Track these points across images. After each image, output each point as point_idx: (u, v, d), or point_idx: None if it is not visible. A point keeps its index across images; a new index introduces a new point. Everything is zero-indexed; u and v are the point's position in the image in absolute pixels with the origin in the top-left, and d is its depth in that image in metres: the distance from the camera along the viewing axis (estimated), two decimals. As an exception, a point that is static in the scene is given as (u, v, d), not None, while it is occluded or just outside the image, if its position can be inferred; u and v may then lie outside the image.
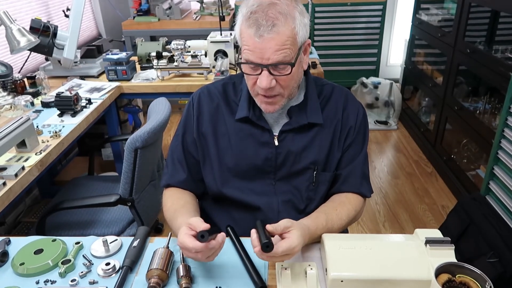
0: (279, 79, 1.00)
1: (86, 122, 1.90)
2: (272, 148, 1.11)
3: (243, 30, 0.98)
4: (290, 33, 0.95)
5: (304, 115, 1.11)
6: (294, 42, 0.97)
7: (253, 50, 0.96)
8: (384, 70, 4.28)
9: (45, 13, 2.84)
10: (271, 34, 0.94)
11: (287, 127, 1.11)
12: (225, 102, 1.15)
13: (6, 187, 1.35)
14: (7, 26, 1.93)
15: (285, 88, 1.02)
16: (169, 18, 3.50)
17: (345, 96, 1.17)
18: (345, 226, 1.10)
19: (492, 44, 2.48)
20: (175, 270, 0.92)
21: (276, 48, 0.95)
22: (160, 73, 2.31)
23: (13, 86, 2.10)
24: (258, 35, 0.94)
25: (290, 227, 0.90)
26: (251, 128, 1.12)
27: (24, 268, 0.94)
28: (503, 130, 1.65)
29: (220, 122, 1.14)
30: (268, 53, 0.95)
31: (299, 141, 1.11)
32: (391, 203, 2.63)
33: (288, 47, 0.96)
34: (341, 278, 0.86)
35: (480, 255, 1.56)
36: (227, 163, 1.13)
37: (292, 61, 0.97)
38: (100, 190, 1.89)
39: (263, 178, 1.13)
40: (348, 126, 1.14)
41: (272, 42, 0.94)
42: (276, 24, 0.94)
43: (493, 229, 1.59)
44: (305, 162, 1.11)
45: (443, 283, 0.80)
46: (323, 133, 1.12)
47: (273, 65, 0.97)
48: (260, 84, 0.99)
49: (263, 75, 0.98)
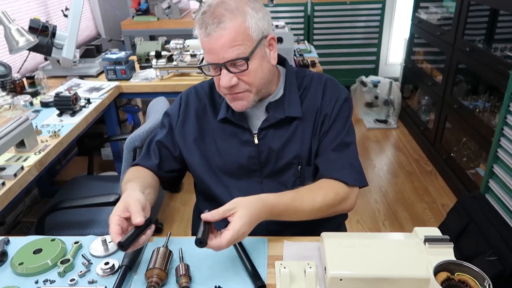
0: (240, 76, 1.00)
1: (85, 122, 1.90)
2: (254, 146, 1.11)
3: (198, 35, 1.00)
4: (239, 28, 0.96)
5: (281, 110, 1.09)
6: (247, 38, 0.97)
7: (208, 52, 0.98)
8: (383, 69, 4.28)
9: (44, 13, 2.84)
10: (217, 31, 0.95)
11: (265, 123, 1.10)
12: (210, 103, 1.16)
13: (5, 187, 1.35)
14: (5, 26, 1.93)
15: (251, 84, 1.02)
16: (168, 18, 3.50)
17: (324, 83, 1.13)
18: (322, 210, 1.01)
19: (491, 42, 2.48)
20: (174, 269, 0.92)
21: (227, 45, 0.95)
22: (159, 73, 2.31)
23: (12, 86, 2.10)
24: (206, 34, 0.96)
25: (233, 208, 0.87)
26: (233, 128, 1.12)
27: (23, 268, 0.94)
28: (503, 129, 1.65)
29: (206, 123, 1.15)
30: (222, 52, 0.96)
31: (280, 137, 1.10)
32: (390, 202, 2.63)
33: (239, 43, 0.96)
34: (340, 276, 0.86)
35: (479, 254, 1.56)
36: (216, 162, 1.13)
37: (247, 56, 0.97)
38: (100, 190, 1.89)
39: (250, 176, 1.13)
40: (323, 113, 1.10)
41: (221, 39, 0.95)
42: (223, 21, 0.95)
43: (493, 227, 1.59)
44: (288, 157, 1.10)
45: (442, 281, 0.80)
46: (304, 126, 1.10)
47: (229, 62, 0.97)
48: (221, 84, 1.00)
49: (222, 74, 0.99)
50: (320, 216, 1.03)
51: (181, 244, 1.00)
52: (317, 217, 1.02)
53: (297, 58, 2.51)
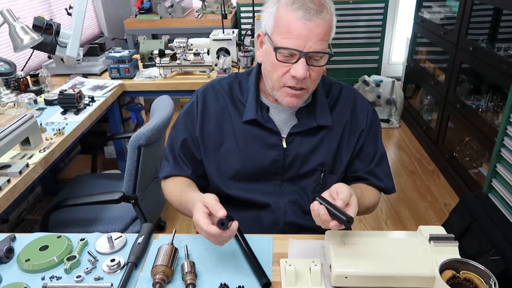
0: (312, 71, 0.97)
1: (89, 120, 1.91)
2: (280, 150, 1.09)
3: (283, 15, 0.93)
4: (331, 23, 0.95)
5: (313, 117, 1.08)
6: (329, 35, 0.96)
7: (296, 37, 0.91)
8: (386, 68, 4.27)
9: (48, 11, 2.84)
10: (317, 20, 0.91)
11: (296, 129, 1.08)
12: (231, 102, 1.12)
13: (10, 184, 1.35)
14: (10, 24, 1.94)
15: (313, 82, 1.00)
16: (171, 16, 3.50)
17: (354, 96, 1.15)
18: (369, 208, 1.12)
19: (494, 42, 2.48)
20: (179, 267, 0.92)
21: (321, 36, 0.92)
22: (163, 71, 2.31)
23: (16, 84, 2.11)
24: (307, 18, 0.90)
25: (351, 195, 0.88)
26: (258, 130, 1.09)
27: (30, 264, 0.95)
28: (506, 128, 1.65)
29: (227, 123, 1.11)
30: (312, 40, 0.92)
31: (307, 143, 1.09)
32: (393, 201, 2.63)
33: (327, 38, 0.95)
34: (346, 274, 0.86)
35: (482, 253, 1.56)
36: (234, 165, 1.10)
37: (331, 53, 0.96)
38: (103, 188, 1.90)
39: (270, 179, 1.12)
40: (359, 128, 1.12)
41: (318, 28, 0.91)
42: (323, 11, 0.92)
43: (496, 227, 1.59)
44: (312, 164, 1.10)
45: (447, 280, 0.80)
46: (332, 134, 1.10)
47: (312, 54, 0.94)
48: (295, 73, 0.94)
49: (300, 63, 0.93)
50: (364, 213, 1.13)
51: (187, 242, 1.01)
52: (363, 214, 1.12)
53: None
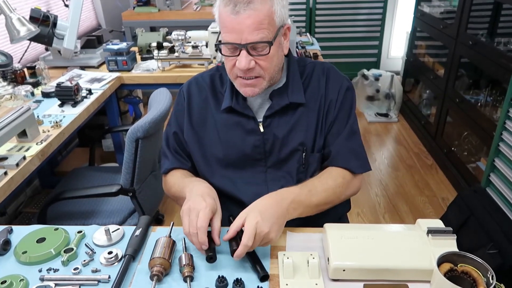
0: (258, 60, 0.99)
1: (87, 113, 1.90)
2: (259, 135, 1.11)
3: (221, 11, 0.97)
4: (267, 11, 0.95)
5: (285, 96, 1.10)
6: (271, 22, 0.96)
7: (231, 31, 0.96)
8: (385, 62, 4.26)
9: (45, 2, 2.81)
10: (247, 11, 0.93)
11: (270, 111, 1.10)
12: (212, 94, 1.16)
13: (7, 177, 1.35)
14: (6, 15, 1.91)
15: (265, 69, 1.01)
16: (169, 9, 3.48)
17: (327, 71, 1.15)
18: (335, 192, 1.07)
19: (494, 36, 2.47)
20: (177, 259, 0.92)
21: (254, 27, 0.94)
22: (161, 64, 2.30)
23: (13, 76, 2.09)
24: (234, 12, 0.93)
25: (242, 217, 0.91)
26: (237, 117, 1.12)
27: (27, 257, 0.94)
28: (505, 122, 1.64)
29: (209, 114, 1.15)
30: (246, 32, 0.94)
31: (285, 124, 1.11)
32: (391, 195, 2.64)
33: (265, 27, 0.95)
34: (343, 267, 0.87)
35: (480, 247, 1.57)
36: (217, 154, 1.13)
37: (271, 40, 0.97)
38: (101, 181, 1.89)
39: (254, 166, 1.13)
40: (329, 99, 1.12)
41: (249, 20, 0.94)
42: (253, 1, 0.93)
43: (493, 221, 1.59)
44: (292, 144, 1.11)
45: (445, 272, 0.81)
46: (308, 113, 1.11)
47: (251, 44, 0.96)
48: (238, 65, 0.98)
49: (241, 55, 0.97)
50: (334, 200, 1.08)
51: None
52: (332, 201, 1.07)
53: (299, 51, 2.50)
